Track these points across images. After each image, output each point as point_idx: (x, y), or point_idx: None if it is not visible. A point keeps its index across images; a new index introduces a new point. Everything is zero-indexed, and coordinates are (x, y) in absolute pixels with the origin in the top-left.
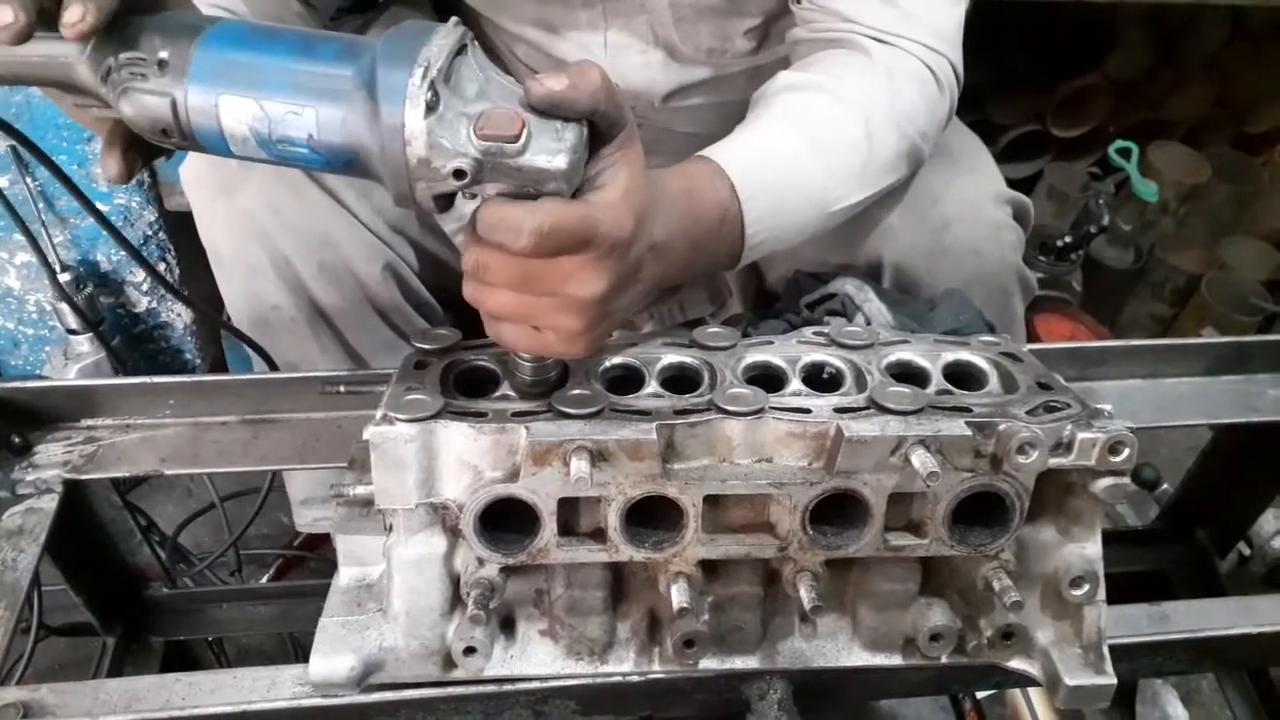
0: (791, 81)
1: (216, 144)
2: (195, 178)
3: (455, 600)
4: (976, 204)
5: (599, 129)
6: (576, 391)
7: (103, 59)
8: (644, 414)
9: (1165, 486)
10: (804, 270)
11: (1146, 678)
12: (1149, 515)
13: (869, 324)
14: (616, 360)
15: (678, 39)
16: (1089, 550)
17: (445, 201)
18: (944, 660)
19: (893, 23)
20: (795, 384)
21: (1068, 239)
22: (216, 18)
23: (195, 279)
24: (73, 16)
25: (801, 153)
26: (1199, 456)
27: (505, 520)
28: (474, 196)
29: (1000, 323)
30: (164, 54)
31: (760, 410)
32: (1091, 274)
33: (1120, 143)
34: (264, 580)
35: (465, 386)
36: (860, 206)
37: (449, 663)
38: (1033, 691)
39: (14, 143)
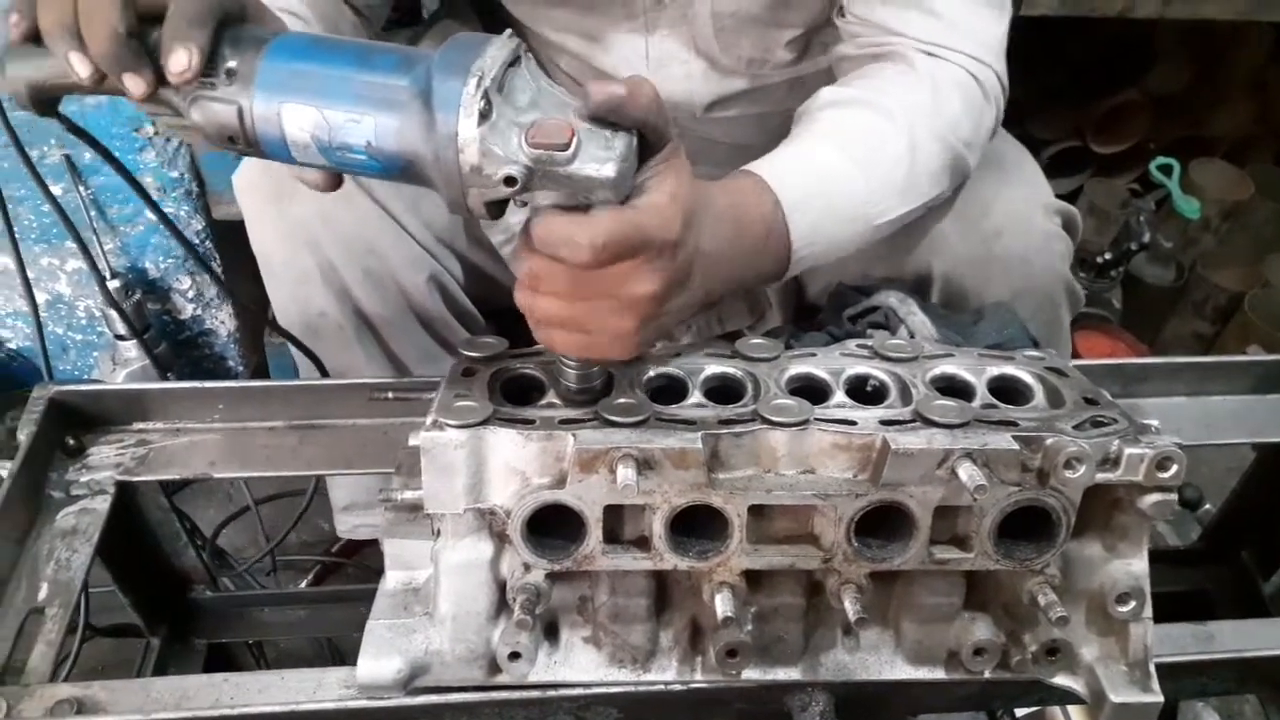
0: (835, 97)
1: (279, 150)
2: (248, 185)
3: (501, 605)
4: (1027, 214)
5: (647, 141)
6: (622, 400)
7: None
8: (689, 423)
9: (1207, 506)
10: (847, 283)
11: (1191, 698)
12: (1189, 536)
13: (912, 337)
14: (660, 370)
15: (718, 50)
16: (1135, 566)
17: (497, 208)
18: (987, 675)
19: (937, 34)
20: (839, 396)
21: (1108, 256)
22: (279, 31)
23: (239, 287)
24: (179, 65)
25: (846, 168)
26: (1243, 476)
27: (551, 527)
28: (524, 204)
29: (1048, 334)
30: (231, 64)
31: (805, 421)
32: (1132, 291)
33: (1161, 159)
34: (303, 586)
35: (511, 394)
36: (905, 220)
37: (494, 667)
38: (1073, 710)
39: (68, 152)
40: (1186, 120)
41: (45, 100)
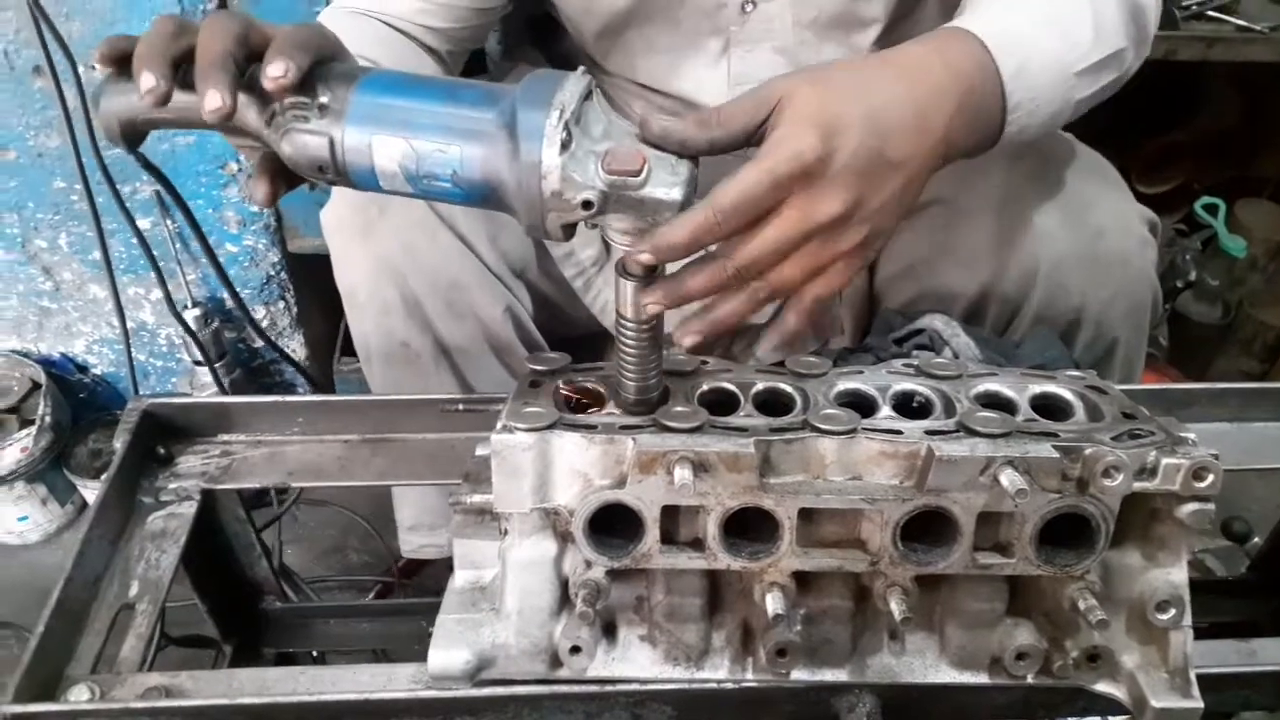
0: None
1: (367, 180)
2: (335, 223)
3: (563, 602)
4: (1127, 216)
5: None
6: (679, 408)
7: (268, 104)
8: (741, 430)
9: (1256, 540)
10: (892, 310)
11: (1234, 710)
12: (1239, 570)
13: (956, 358)
14: (712, 385)
15: (800, 63)
16: (1174, 575)
17: (570, 230)
18: (1030, 680)
19: None
20: (886, 410)
21: None
22: (369, 67)
23: (310, 318)
24: (276, 71)
25: (1033, 15)
26: None
27: (612, 528)
28: (594, 226)
29: (1135, 338)
30: (324, 99)
31: (853, 429)
32: (1178, 329)
33: (1207, 199)
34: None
35: (574, 404)
36: (1101, 79)
37: (555, 662)
38: None
39: (159, 188)
40: (1232, 161)
41: (135, 135)
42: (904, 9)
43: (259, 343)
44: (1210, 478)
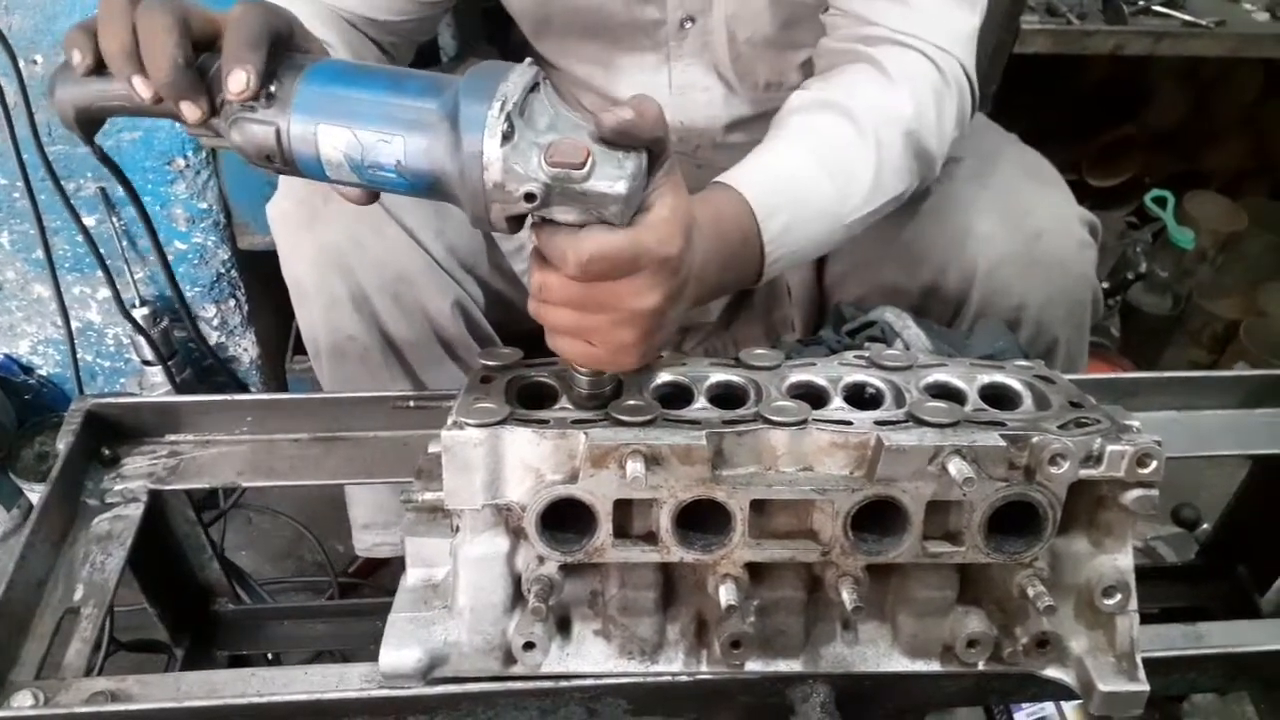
0: (803, 102)
1: (313, 169)
2: (281, 214)
3: (517, 598)
4: (1065, 219)
5: (652, 155)
6: (631, 402)
7: (218, 94)
8: (694, 424)
9: (1205, 527)
10: (845, 302)
11: (1181, 693)
12: (1189, 557)
13: (908, 349)
14: (667, 378)
15: (736, 75)
16: (1120, 561)
17: (516, 223)
18: (981, 667)
19: (909, 24)
20: (837, 401)
21: (1105, 285)
22: (317, 57)
23: (261, 315)
24: (238, 85)
25: (814, 172)
26: (1237, 490)
27: (565, 523)
28: (541, 219)
29: (1075, 337)
30: (271, 87)
31: (804, 421)
32: (1129, 320)
33: (1156, 192)
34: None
35: (526, 400)
36: (874, 217)
37: (509, 658)
38: (1067, 708)
39: (103, 185)
40: (1181, 155)
41: (90, 122)
42: None
43: (210, 342)
44: (1153, 464)
